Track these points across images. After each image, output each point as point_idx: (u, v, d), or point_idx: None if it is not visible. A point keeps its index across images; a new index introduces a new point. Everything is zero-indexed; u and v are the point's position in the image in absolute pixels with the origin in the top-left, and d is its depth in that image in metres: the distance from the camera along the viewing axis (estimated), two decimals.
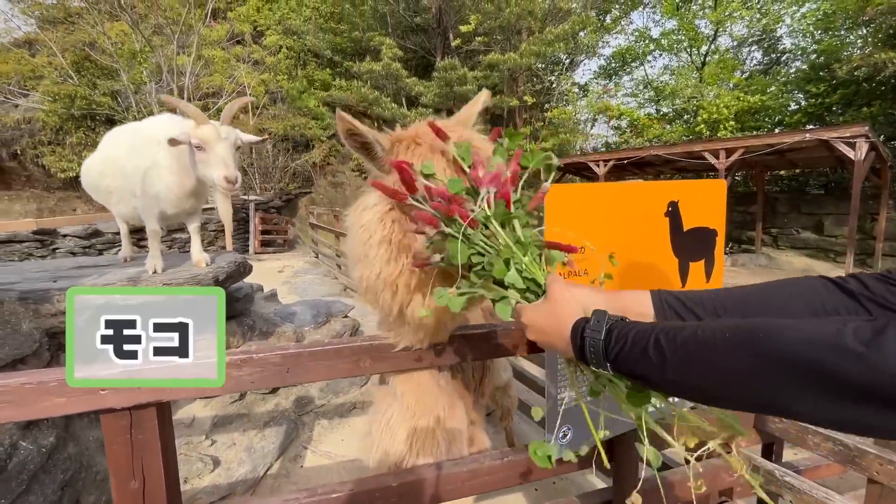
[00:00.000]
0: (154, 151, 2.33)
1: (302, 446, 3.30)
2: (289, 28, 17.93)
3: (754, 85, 14.00)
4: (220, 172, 2.13)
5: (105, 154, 2.58)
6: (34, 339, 2.07)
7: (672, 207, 1.66)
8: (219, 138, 2.16)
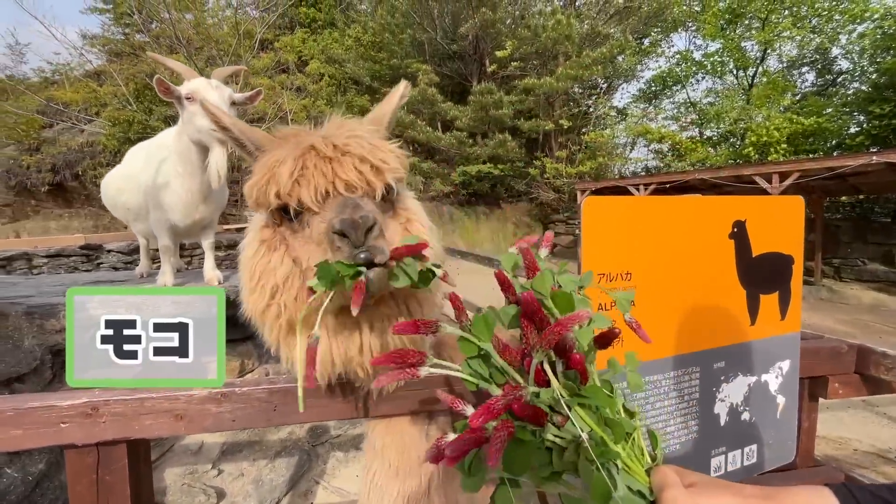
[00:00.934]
0: (163, 157, 2.29)
1: (314, 480, 3.09)
2: (331, 57, 18.68)
3: (808, 106, 13.19)
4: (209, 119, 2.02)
5: (123, 170, 2.57)
6: (35, 357, 1.98)
7: (738, 228, 1.37)
8: (209, 88, 2.11)
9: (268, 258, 0.95)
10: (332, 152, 0.90)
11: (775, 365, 1.49)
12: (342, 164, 0.89)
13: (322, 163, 0.88)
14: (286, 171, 0.86)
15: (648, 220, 1.24)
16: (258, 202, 0.92)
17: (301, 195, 0.86)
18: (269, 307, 0.95)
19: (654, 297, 1.24)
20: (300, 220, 0.92)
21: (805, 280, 11.38)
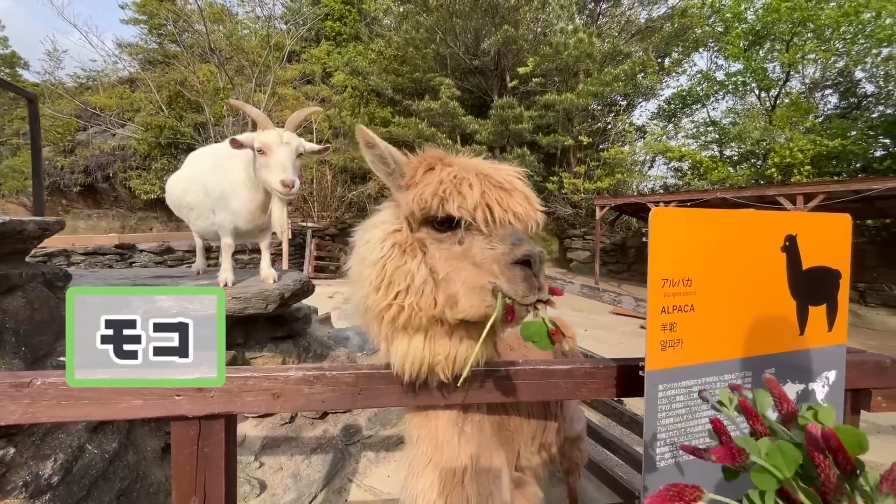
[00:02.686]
0: (232, 167, 2.42)
1: (347, 478, 3.17)
2: (355, 69, 19.17)
3: (833, 129, 13.12)
4: (278, 176, 2.14)
5: (189, 172, 2.73)
6: None
7: (790, 242, 1.46)
8: (280, 143, 2.18)
9: (402, 261, 1.00)
10: (507, 186, 0.98)
11: (822, 374, 1.55)
12: (513, 197, 0.97)
13: (498, 192, 0.95)
14: (476, 192, 0.93)
15: (708, 231, 1.34)
16: (425, 209, 0.97)
17: (477, 216, 0.92)
18: (391, 307, 1.00)
19: (710, 303, 1.32)
20: (455, 234, 0.97)
21: None
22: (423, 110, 17.20)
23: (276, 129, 2.24)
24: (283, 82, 17.89)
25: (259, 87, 16.39)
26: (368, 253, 1.06)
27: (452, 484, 1.33)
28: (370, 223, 1.16)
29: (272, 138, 2.18)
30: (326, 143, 2.43)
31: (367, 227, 1.16)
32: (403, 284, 0.99)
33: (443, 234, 0.99)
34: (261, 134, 2.21)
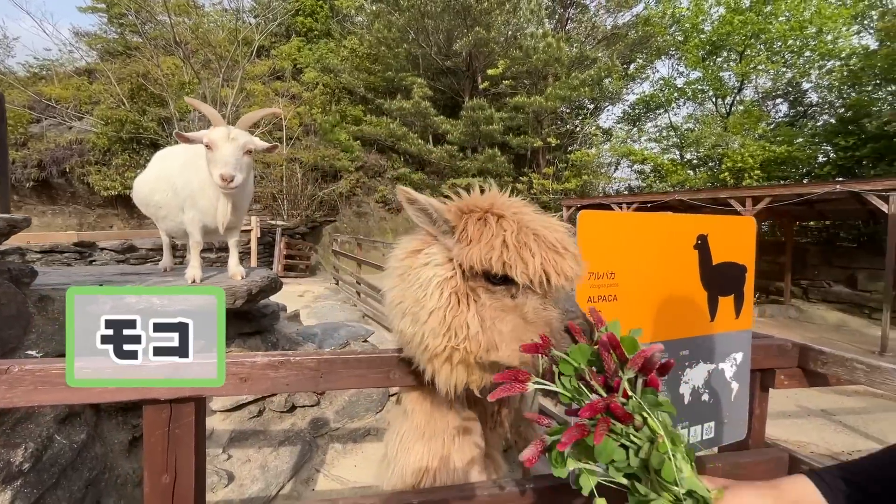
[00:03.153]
0: (201, 167, 2.48)
1: (314, 469, 3.27)
2: (326, 66, 19.01)
3: (781, 136, 14.04)
4: (219, 171, 2.21)
5: (157, 171, 2.77)
6: None
7: (701, 240, 1.68)
8: (227, 139, 2.25)
9: (459, 310, 1.09)
10: (561, 249, 1.06)
11: (730, 356, 1.78)
12: (566, 260, 1.06)
13: (553, 256, 1.04)
14: (538, 261, 1.01)
15: (629, 231, 1.54)
16: (489, 269, 1.04)
17: (535, 280, 1.01)
18: (447, 349, 1.11)
19: (631, 293, 1.52)
20: (506, 291, 1.08)
21: (775, 300, 11.94)
22: (396, 109, 17.25)
23: (226, 126, 2.30)
24: (252, 78, 17.55)
25: (227, 81, 16.03)
26: (427, 297, 1.12)
27: (441, 456, 1.49)
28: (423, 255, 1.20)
29: (219, 134, 2.25)
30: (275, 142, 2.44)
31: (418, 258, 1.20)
32: (462, 334, 1.09)
33: (496, 287, 1.09)
34: (210, 130, 2.27)
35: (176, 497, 1.42)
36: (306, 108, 17.51)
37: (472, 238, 1.09)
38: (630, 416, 0.72)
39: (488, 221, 1.10)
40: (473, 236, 1.09)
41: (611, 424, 0.72)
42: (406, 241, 1.32)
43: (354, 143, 18.03)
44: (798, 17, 13.82)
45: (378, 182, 18.45)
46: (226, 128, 2.30)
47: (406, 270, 1.22)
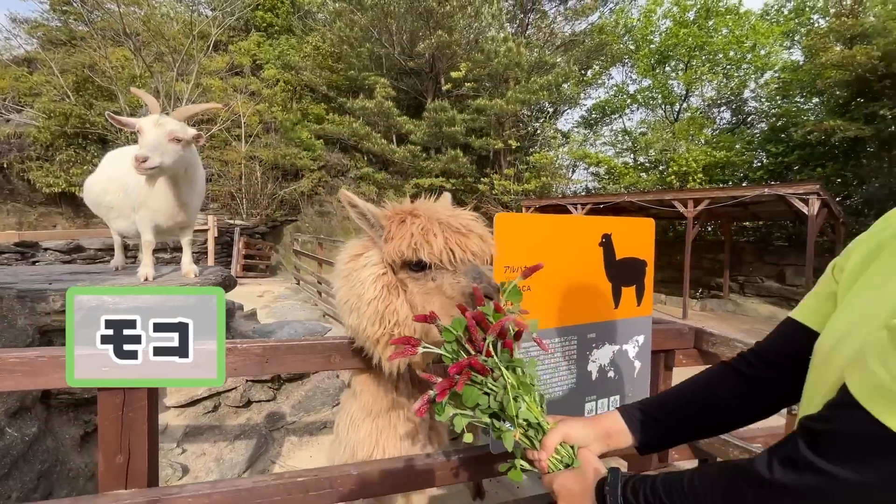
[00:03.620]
0: None
1: (270, 461, 3.38)
2: (287, 63, 18.70)
3: (721, 142, 15.12)
4: (137, 153, 2.26)
5: (109, 172, 2.81)
6: (28, 335, 2.22)
7: (606, 239, 1.95)
8: (153, 127, 2.31)
9: (390, 301, 1.29)
10: (465, 230, 1.28)
11: (633, 338, 2.07)
12: (470, 239, 1.27)
13: (459, 237, 1.25)
14: (440, 241, 1.21)
15: (542, 231, 1.78)
16: (404, 256, 1.24)
17: (444, 258, 1.21)
18: (385, 335, 1.30)
19: (544, 284, 1.77)
20: (427, 273, 1.26)
21: (716, 294, 12.76)
22: (359, 109, 17.21)
23: (156, 115, 2.37)
24: (209, 73, 17.04)
25: (182, 76, 15.50)
26: (365, 291, 1.32)
27: (389, 429, 1.69)
28: (363, 258, 1.40)
29: (148, 121, 2.32)
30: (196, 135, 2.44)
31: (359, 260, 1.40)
32: (393, 319, 1.30)
33: (418, 274, 1.29)
34: (141, 118, 2.35)
35: (130, 475, 1.55)
36: (266, 106, 17.18)
37: (393, 236, 1.30)
38: (487, 370, 0.93)
39: (405, 220, 1.31)
40: (394, 234, 1.30)
41: (472, 376, 0.93)
42: (350, 246, 1.53)
43: (316, 141, 17.86)
44: (736, 32, 14.92)
45: (341, 181, 18.35)
46: (154, 115, 2.37)
47: (350, 272, 1.42)
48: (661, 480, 0.70)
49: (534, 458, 0.92)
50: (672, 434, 0.93)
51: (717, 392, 0.89)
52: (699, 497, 0.63)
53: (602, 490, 0.77)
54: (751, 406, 0.86)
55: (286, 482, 1.56)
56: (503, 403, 0.91)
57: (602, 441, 0.92)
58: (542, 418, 0.92)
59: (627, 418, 0.93)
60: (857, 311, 0.62)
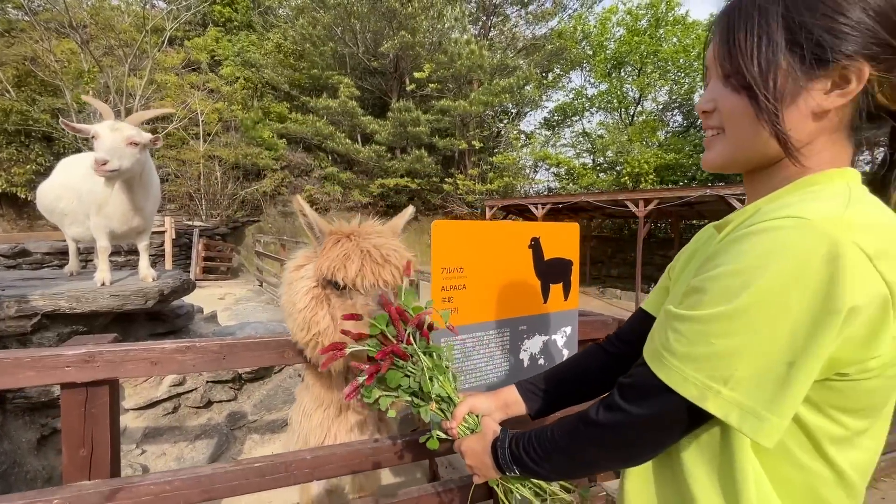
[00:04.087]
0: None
1: (231, 458, 3.46)
2: (247, 60, 18.29)
3: (672, 144, 16.02)
4: (95, 156, 2.32)
5: (62, 179, 2.82)
6: None
7: (534, 242, 2.20)
8: (109, 132, 2.37)
9: (315, 311, 1.46)
10: (381, 261, 1.44)
11: (561, 329, 2.33)
12: (385, 269, 1.44)
13: (375, 266, 1.42)
14: (354, 268, 1.38)
15: (475, 236, 2.01)
16: (325, 276, 1.41)
17: (357, 283, 1.38)
18: (311, 340, 1.48)
19: (478, 283, 1.99)
20: (345, 293, 1.43)
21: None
22: (322, 108, 17.08)
23: (111, 121, 2.43)
24: (164, 68, 16.45)
25: (134, 71, 14.91)
26: (297, 301, 1.50)
27: (339, 419, 1.85)
28: (301, 272, 1.56)
29: (104, 126, 2.38)
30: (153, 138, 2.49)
31: (298, 273, 1.57)
32: (316, 329, 1.47)
33: (339, 292, 1.46)
34: (97, 124, 2.40)
35: (93, 467, 1.66)
36: (226, 104, 16.76)
37: (324, 254, 1.47)
38: (407, 356, 1.11)
39: (339, 242, 1.47)
40: (326, 253, 1.47)
41: (394, 361, 1.12)
42: (297, 256, 1.70)
43: (279, 140, 17.58)
44: (684, 41, 15.85)
45: (305, 181, 18.14)
46: (111, 121, 2.42)
47: (292, 281, 1.59)
48: (534, 433, 0.90)
49: (447, 428, 1.10)
50: (555, 401, 1.12)
51: (589, 366, 1.11)
52: (556, 438, 0.83)
53: (495, 445, 0.94)
54: (610, 376, 1.06)
55: (244, 468, 1.70)
56: (421, 384, 1.09)
57: (502, 410, 1.10)
58: (454, 394, 1.10)
59: (521, 391, 1.13)
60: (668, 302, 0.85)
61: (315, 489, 2.08)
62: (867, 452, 0.65)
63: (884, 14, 0.58)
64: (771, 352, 0.55)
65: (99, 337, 1.71)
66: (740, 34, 0.65)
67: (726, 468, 0.66)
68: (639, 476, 0.81)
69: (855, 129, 0.66)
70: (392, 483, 3.22)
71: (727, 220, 0.76)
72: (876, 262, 0.52)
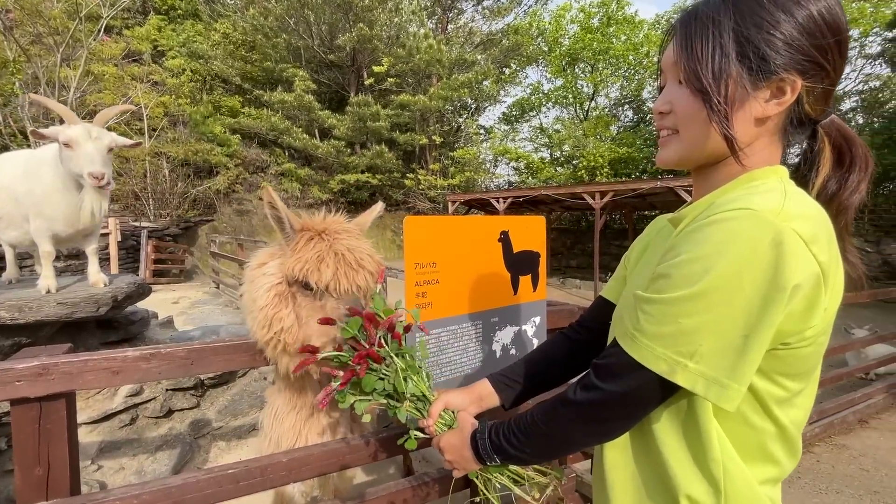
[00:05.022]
0: (43, 174, 2.41)
1: (196, 468, 3.34)
2: (194, 51, 17.36)
3: (624, 139, 16.70)
4: (87, 169, 2.21)
5: None
6: None
7: (504, 235, 2.25)
8: (88, 138, 2.24)
9: (279, 309, 1.40)
10: (356, 266, 1.41)
11: (531, 319, 2.41)
12: (358, 274, 1.41)
13: (349, 270, 1.39)
14: (329, 272, 1.35)
15: (447, 231, 2.03)
16: (297, 277, 1.37)
17: (330, 287, 1.35)
18: (272, 339, 1.42)
19: (450, 277, 2.02)
20: (315, 294, 1.39)
21: None
22: (277, 102, 16.51)
23: (84, 124, 2.27)
24: (101, 59, 15.32)
25: (67, 62, 13.81)
26: (258, 298, 1.43)
27: (311, 420, 1.81)
28: (264, 268, 1.50)
29: (80, 133, 2.23)
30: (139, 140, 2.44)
31: (260, 270, 1.50)
32: (278, 326, 1.41)
33: (308, 292, 1.42)
34: (67, 128, 2.23)
35: (51, 486, 1.56)
36: (172, 97, 15.85)
37: (296, 251, 1.43)
38: (381, 358, 1.10)
39: (312, 240, 1.43)
40: (298, 250, 1.42)
41: (370, 365, 1.11)
42: (260, 253, 1.64)
43: (232, 136, 16.85)
44: (633, 39, 16.52)
45: (261, 178, 17.51)
46: (84, 126, 2.27)
47: (254, 278, 1.53)
48: (513, 420, 0.93)
49: (424, 426, 1.08)
50: (526, 390, 1.15)
51: (555, 354, 1.16)
52: (536, 421, 0.87)
53: (475, 437, 0.96)
54: (576, 362, 1.13)
55: (217, 475, 1.64)
56: (395, 385, 1.09)
57: (476, 404, 1.12)
58: (429, 392, 1.10)
59: (494, 383, 1.15)
60: (630, 288, 0.90)
61: (290, 492, 2.05)
62: (802, 410, 0.74)
63: (811, 34, 0.66)
64: (730, 327, 0.62)
65: (52, 348, 1.60)
66: (697, 43, 0.71)
67: (693, 433, 0.73)
68: (616, 449, 0.87)
69: (785, 133, 0.74)
70: (365, 481, 3.21)
71: (682, 214, 0.83)
72: (810, 245, 0.60)
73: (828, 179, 0.76)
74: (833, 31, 0.67)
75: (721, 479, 0.71)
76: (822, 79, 0.69)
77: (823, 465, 3.35)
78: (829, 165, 0.76)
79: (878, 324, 6.50)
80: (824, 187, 0.76)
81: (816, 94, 0.70)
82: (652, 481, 0.80)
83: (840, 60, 0.69)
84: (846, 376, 4.24)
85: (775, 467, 0.74)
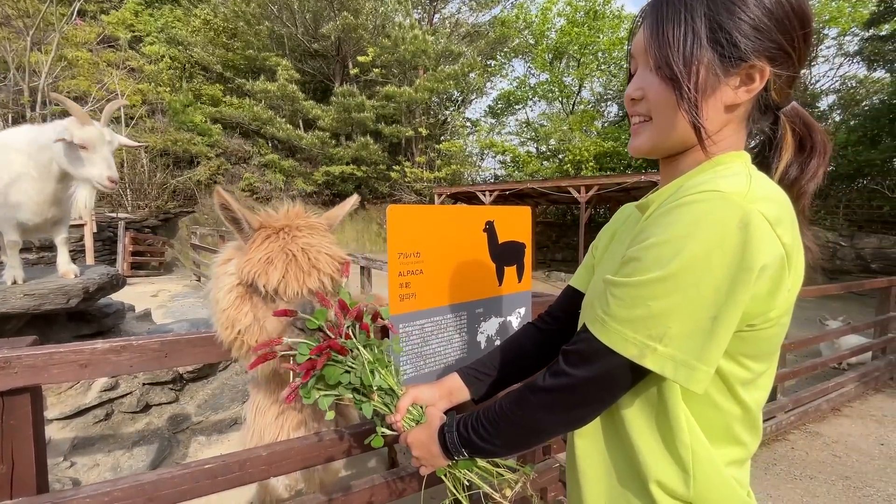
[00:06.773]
0: (12, 160, 2.31)
1: (175, 463, 3.27)
2: (173, 38, 16.85)
3: (609, 133, 16.81)
4: (105, 172, 2.23)
5: None
6: None
7: (489, 225, 2.22)
8: (104, 140, 2.25)
9: (239, 310, 1.36)
10: (307, 267, 1.33)
11: (516, 310, 2.40)
12: (310, 276, 1.33)
13: (299, 273, 1.31)
14: (277, 276, 1.28)
15: (431, 220, 1.99)
16: (246, 280, 1.32)
17: (279, 290, 1.30)
18: (236, 339, 1.39)
19: (434, 267, 1.99)
20: (265, 297, 1.35)
21: None
22: (259, 91, 16.16)
23: (97, 126, 2.26)
24: (74, 43, 14.76)
25: (38, 46, 13.27)
26: (220, 299, 1.40)
27: (293, 413, 1.78)
28: (226, 268, 1.45)
29: (95, 136, 2.23)
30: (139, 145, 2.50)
31: (223, 269, 1.45)
32: (239, 327, 1.38)
33: (262, 294, 1.36)
34: (80, 129, 2.21)
35: (15, 484, 1.49)
36: (151, 85, 15.38)
37: (249, 252, 1.36)
38: (346, 350, 1.04)
39: (269, 239, 1.36)
40: (251, 251, 1.35)
41: (332, 356, 1.04)
42: (224, 251, 1.57)
43: (213, 126, 16.44)
44: (617, 33, 16.59)
45: (243, 169, 17.16)
46: (98, 128, 2.26)
47: (218, 276, 1.48)
48: (481, 411, 0.90)
49: (392, 422, 1.04)
50: (496, 383, 1.12)
51: (525, 345, 1.14)
52: (504, 411, 0.85)
53: (443, 432, 0.93)
54: (545, 352, 1.11)
55: (193, 471, 1.59)
56: (362, 378, 1.04)
57: (446, 399, 1.09)
58: (396, 386, 1.06)
59: (464, 377, 1.10)
60: (600, 276, 0.89)
61: (274, 485, 2.01)
62: (764, 390, 0.75)
63: (779, 20, 0.66)
64: (699, 309, 0.62)
65: (14, 340, 1.52)
66: (668, 28, 0.70)
67: (662, 417, 0.73)
68: (587, 437, 0.86)
69: (750, 119, 0.75)
70: (349, 474, 3.19)
71: (649, 199, 0.82)
72: (776, 227, 0.61)
73: (789, 165, 0.76)
74: (800, 18, 0.67)
75: (690, 462, 0.71)
76: (789, 66, 0.69)
77: (798, 452, 3.44)
78: (790, 151, 0.76)
79: (851, 315, 6.70)
80: (786, 172, 0.76)
81: (782, 81, 0.70)
82: (623, 468, 0.80)
83: (804, 47, 0.69)
84: (820, 366, 4.35)
85: (741, 448, 0.75)
